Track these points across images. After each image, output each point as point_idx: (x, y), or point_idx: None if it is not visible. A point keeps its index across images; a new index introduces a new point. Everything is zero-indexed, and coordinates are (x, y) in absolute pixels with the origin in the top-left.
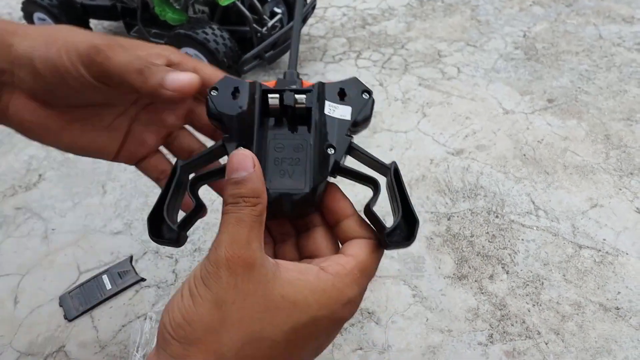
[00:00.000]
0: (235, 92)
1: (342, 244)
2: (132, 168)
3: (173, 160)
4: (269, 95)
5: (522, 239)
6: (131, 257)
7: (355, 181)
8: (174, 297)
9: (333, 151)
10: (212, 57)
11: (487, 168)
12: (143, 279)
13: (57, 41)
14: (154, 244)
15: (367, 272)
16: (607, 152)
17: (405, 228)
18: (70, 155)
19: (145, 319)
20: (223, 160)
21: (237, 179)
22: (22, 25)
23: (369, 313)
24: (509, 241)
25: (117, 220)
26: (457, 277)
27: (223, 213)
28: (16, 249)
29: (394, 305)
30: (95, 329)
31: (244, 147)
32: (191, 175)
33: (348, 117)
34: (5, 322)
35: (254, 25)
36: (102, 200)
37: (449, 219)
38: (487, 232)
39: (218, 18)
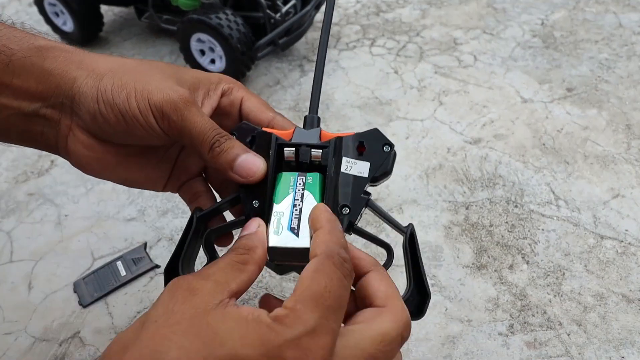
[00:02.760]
0: (252, 141)
1: None
2: None
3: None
4: (285, 150)
5: (542, 229)
6: (145, 244)
7: (370, 241)
8: None
9: (348, 211)
10: (226, 43)
11: (506, 157)
12: (157, 266)
13: (126, 86)
14: (168, 231)
15: (318, 300)
16: (629, 142)
17: (416, 301)
18: None
19: None
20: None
21: (238, 238)
22: (88, 55)
23: None
24: (528, 231)
25: (130, 206)
26: (476, 266)
27: None
28: (29, 235)
29: None
30: (110, 315)
31: (259, 201)
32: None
33: (366, 174)
34: (19, 308)
35: (268, 11)
36: (115, 186)
37: (467, 208)
38: (507, 222)
39: (231, 4)
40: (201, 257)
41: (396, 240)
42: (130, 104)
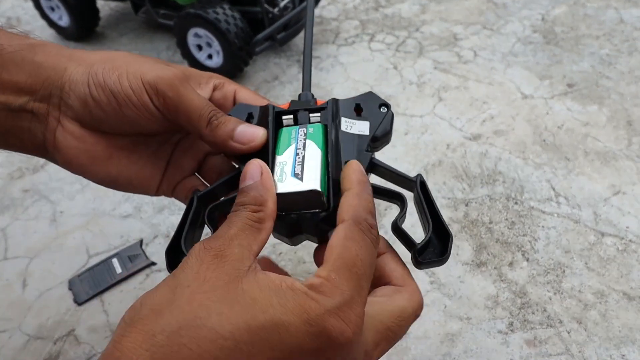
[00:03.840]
0: (250, 118)
1: None
2: None
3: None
4: (283, 117)
5: (543, 226)
6: (141, 241)
7: (380, 198)
8: None
9: None
10: (223, 38)
11: (506, 154)
12: (154, 263)
13: (117, 68)
14: (164, 228)
15: (352, 268)
16: (630, 139)
17: (438, 243)
18: None
19: None
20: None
21: (243, 188)
22: (78, 50)
23: None
24: (528, 228)
25: (126, 203)
26: (475, 264)
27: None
28: (24, 232)
29: None
30: (105, 313)
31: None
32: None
33: (367, 132)
34: (14, 305)
35: (266, 5)
36: None
37: (466, 205)
38: (506, 219)
39: None
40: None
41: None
42: (122, 84)
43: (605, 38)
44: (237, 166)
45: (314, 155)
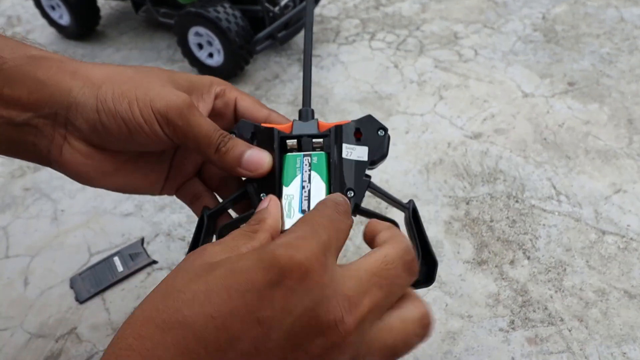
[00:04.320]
0: (253, 137)
1: None
2: None
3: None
4: (287, 142)
5: (544, 224)
6: (142, 239)
7: (375, 219)
8: None
9: (352, 194)
10: (224, 37)
11: (507, 152)
12: (155, 262)
13: (127, 94)
14: (165, 226)
15: (308, 220)
16: (631, 137)
17: (425, 270)
18: None
19: None
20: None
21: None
22: (82, 64)
23: None
24: (529, 226)
25: (127, 201)
26: (476, 262)
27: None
28: (25, 230)
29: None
30: (107, 311)
31: (266, 192)
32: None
33: (365, 157)
34: (15, 304)
35: (266, 4)
36: None
37: (467, 203)
38: (507, 217)
39: None
40: None
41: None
42: (134, 113)
43: (605, 37)
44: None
45: (319, 189)
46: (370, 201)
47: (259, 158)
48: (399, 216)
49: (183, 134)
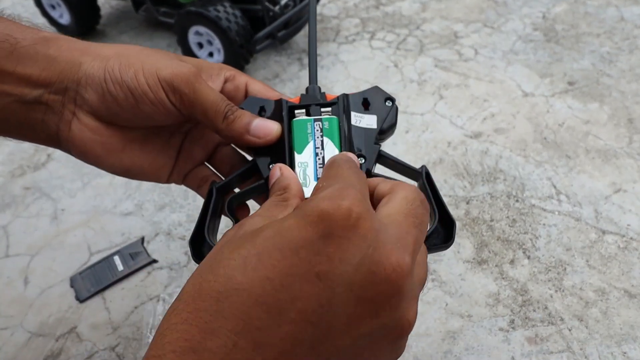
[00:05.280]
0: (262, 111)
1: None
2: None
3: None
4: (296, 112)
5: (544, 224)
6: (143, 239)
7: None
8: None
9: (363, 160)
10: (224, 36)
11: (507, 151)
12: (155, 261)
13: (133, 65)
14: (165, 225)
15: (339, 175)
16: (631, 136)
17: (443, 230)
18: None
19: (158, 300)
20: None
21: (270, 186)
22: (93, 44)
23: None
24: (530, 226)
25: (127, 201)
26: (477, 261)
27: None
28: (25, 229)
29: None
30: (107, 311)
31: (276, 162)
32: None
33: (374, 125)
34: (15, 303)
35: (266, 3)
36: (112, 180)
37: (467, 203)
38: (507, 217)
39: None
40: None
41: None
42: (139, 80)
43: (605, 36)
44: (248, 157)
45: (333, 154)
46: None
47: (267, 125)
48: None
49: (190, 102)
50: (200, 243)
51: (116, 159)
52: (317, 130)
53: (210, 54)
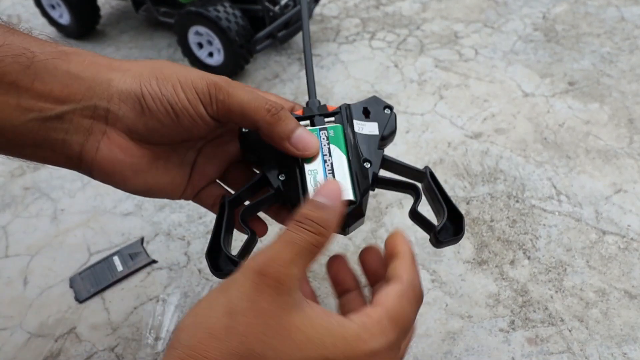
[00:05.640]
0: None
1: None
2: None
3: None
4: (301, 123)
5: (544, 224)
6: (142, 239)
7: (395, 190)
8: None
9: (369, 165)
10: (224, 36)
11: (507, 152)
12: (155, 261)
13: (168, 78)
14: (165, 226)
15: (399, 321)
16: (631, 137)
17: (452, 225)
18: None
19: (158, 301)
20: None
21: (319, 203)
22: (119, 60)
23: None
24: (530, 226)
25: (127, 201)
26: (477, 262)
27: (286, 227)
28: (25, 230)
29: None
30: (106, 311)
31: (286, 172)
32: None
33: (376, 132)
34: (15, 303)
35: (267, 3)
36: None
37: (467, 203)
38: (508, 217)
39: None
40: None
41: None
42: (179, 95)
43: (606, 36)
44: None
45: (340, 161)
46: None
47: (309, 140)
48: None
49: (227, 107)
50: (217, 257)
51: (141, 179)
52: (324, 139)
53: (210, 54)
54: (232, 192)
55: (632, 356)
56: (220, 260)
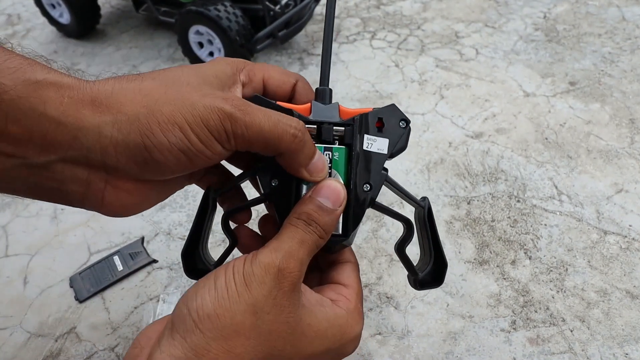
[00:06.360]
0: None
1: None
2: None
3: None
4: (306, 127)
5: (545, 224)
6: (142, 238)
7: (388, 216)
8: (205, 284)
9: (369, 188)
10: (224, 35)
11: (508, 152)
12: (155, 261)
13: (173, 119)
14: (165, 225)
15: (361, 298)
16: (632, 137)
17: (434, 271)
18: None
19: (158, 300)
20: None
21: (323, 206)
22: (97, 88)
23: (388, 297)
24: (531, 226)
25: None
26: (478, 262)
27: (290, 223)
28: (25, 229)
29: (412, 290)
30: (106, 311)
31: (279, 179)
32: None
33: (385, 150)
34: (15, 303)
35: (267, 3)
36: None
37: (468, 203)
38: (509, 217)
39: None
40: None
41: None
42: (192, 141)
43: (607, 36)
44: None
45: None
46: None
47: (322, 166)
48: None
49: (247, 140)
50: (191, 256)
51: (147, 205)
52: (326, 160)
53: (211, 54)
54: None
55: (633, 356)
56: (196, 262)
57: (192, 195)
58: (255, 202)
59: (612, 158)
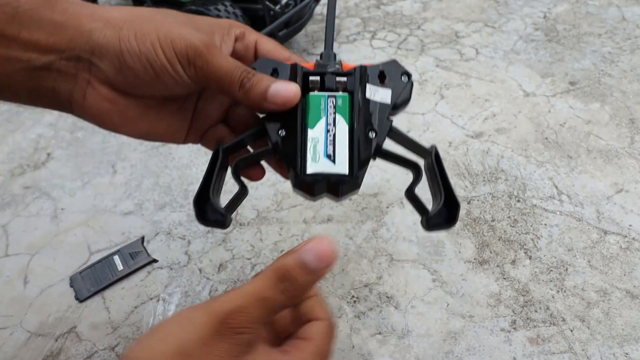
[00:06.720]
0: (274, 73)
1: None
2: (143, 148)
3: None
4: (310, 78)
5: (545, 224)
6: (143, 238)
7: (396, 164)
8: (153, 328)
9: (374, 135)
10: None
11: (508, 151)
12: (155, 260)
13: (148, 34)
14: (166, 225)
15: (323, 355)
16: (632, 137)
17: (447, 211)
18: (79, 134)
19: (158, 300)
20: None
21: (307, 267)
22: (99, 7)
23: (388, 297)
24: (531, 226)
25: (127, 200)
26: (478, 262)
27: (265, 274)
28: (25, 229)
29: (413, 289)
30: (107, 310)
31: (286, 129)
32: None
33: (388, 100)
34: (15, 302)
35: (267, 2)
36: (112, 180)
37: (469, 203)
38: (509, 217)
39: None
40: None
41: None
42: (157, 52)
43: (607, 36)
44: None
45: (343, 132)
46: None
47: (286, 89)
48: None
49: (204, 74)
50: (204, 205)
51: (133, 126)
52: (331, 107)
53: None
54: (233, 133)
55: (633, 356)
56: (207, 209)
57: (192, 195)
58: (265, 153)
59: (612, 158)
